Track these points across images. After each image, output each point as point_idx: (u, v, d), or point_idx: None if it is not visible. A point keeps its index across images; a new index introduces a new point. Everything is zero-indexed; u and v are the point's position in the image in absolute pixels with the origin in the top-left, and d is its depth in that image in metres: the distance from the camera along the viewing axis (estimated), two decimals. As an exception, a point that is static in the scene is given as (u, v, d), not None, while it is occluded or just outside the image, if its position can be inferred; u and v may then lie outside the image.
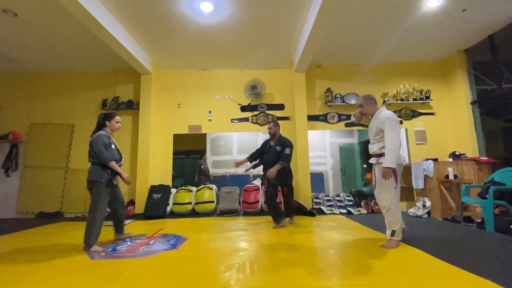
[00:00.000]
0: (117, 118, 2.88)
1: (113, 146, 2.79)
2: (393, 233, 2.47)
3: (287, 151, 3.51)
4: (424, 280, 1.74)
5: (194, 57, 5.19)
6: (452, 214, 4.12)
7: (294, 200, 4.77)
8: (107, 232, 3.51)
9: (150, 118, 5.17)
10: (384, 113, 2.52)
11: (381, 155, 2.53)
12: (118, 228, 3.06)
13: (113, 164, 2.70)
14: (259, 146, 4.02)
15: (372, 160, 2.69)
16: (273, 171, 3.41)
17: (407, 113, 5.51)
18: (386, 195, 2.48)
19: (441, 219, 4.14)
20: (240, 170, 7.60)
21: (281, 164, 3.44)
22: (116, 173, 2.78)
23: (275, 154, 3.64)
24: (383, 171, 2.41)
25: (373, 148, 2.65)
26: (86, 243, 2.59)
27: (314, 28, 3.72)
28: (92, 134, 2.79)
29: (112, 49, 4.30)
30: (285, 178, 3.66)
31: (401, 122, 5.53)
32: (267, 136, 4.03)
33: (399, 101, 5.45)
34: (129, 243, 2.88)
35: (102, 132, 2.77)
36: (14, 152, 5.30)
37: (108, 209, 2.85)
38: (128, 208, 4.94)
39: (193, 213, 4.92)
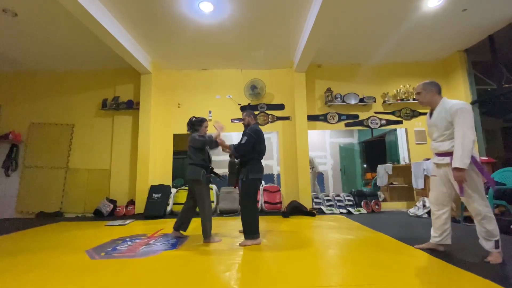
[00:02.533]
0: (206, 123, 3.09)
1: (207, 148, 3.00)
2: (497, 244, 2.04)
3: (243, 140, 2.78)
4: (424, 280, 1.74)
5: (194, 57, 5.19)
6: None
7: (294, 200, 4.78)
8: (107, 232, 3.51)
9: (150, 118, 5.17)
10: (455, 103, 2.11)
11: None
12: (182, 226, 3.05)
13: (219, 140, 2.90)
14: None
15: (440, 160, 2.21)
16: (218, 134, 2.93)
17: (407, 113, 5.52)
18: (475, 200, 2.04)
19: (441, 219, 4.14)
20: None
21: (231, 149, 2.85)
22: (210, 172, 3.00)
23: None
24: (455, 174, 2.00)
25: (442, 147, 2.17)
26: (205, 237, 2.81)
27: (314, 28, 3.72)
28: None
29: (112, 49, 4.31)
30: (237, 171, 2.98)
31: (401, 122, 5.54)
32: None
33: (399, 101, 5.45)
34: (129, 243, 2.88)
35: (195, 134, 2.97)
36: (14, 152, 5.31)
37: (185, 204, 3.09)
38: (128, 208, 4.94)
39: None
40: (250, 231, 2.69)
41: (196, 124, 3.03)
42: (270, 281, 1.79)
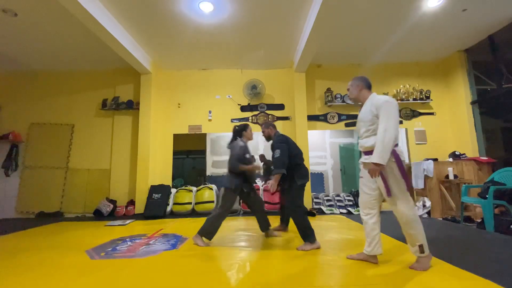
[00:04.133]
0: (250, 127, 3.08)
1: (247, 156, 2.91)
2: (421, 249, 1.91)
3: (277, 153, 2.74)
4: (424, 279, 1.74)
5: (194, 57, 5.19)
6: (452, 214, 4.12)
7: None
8: (107, 232, 3.51)
9: (150, 118, 5.17)
10: (382, 97, 2.01)
11: None
12: (262, 227, 3.06)
13: (242, 167, 2.79)
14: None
15: (365, 158, 2.08)
16: (272, 183, 2.70)
17: (407, 113, 5.52)
18: (400, 203, 1.93)
19: (441, 219, 4.14)
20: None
21: (275, 173, 2.68)
22: (249, 181, 2.92)
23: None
24: (370, 169, 1.91)
25: (367, 143, 2.04)
26: (199, 232, 2.76)
27: (314, 28, 3.72)
28: (230, 143, 2.99)
29: (112, 49, 4.30)
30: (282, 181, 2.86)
31: (401, 122, 5.53)
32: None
33: (399, 101, 5.45)
34: (129, 243, 2.88)
35: (239, 142, 2.92)
36: (14, 152, 5.30)
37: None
38: (128, 208, 4.94)
39: (193, 213, 4.92)
40: (308, 236, 2.56)
41: (239, 131, 3.00)
42: (270, 281, 1.79)
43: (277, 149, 2.74)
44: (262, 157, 3.55)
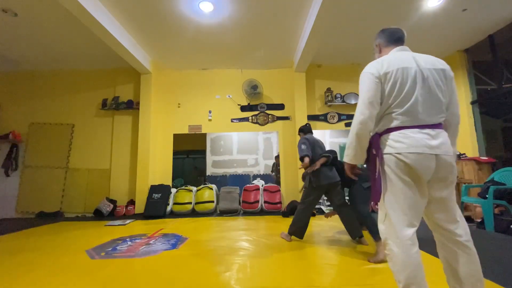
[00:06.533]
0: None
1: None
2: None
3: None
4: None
5: (194, 57, 5.19)
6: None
7: (294, 200, 4.79)
8: (107, 232, 3.51)
9: (150, 118, 5.17)
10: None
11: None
12: (350, 232, 2.69)
13: (306, 159, 2.73)
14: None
15: None
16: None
17: (407, 113, 5.51)
18: (378, 216, 1.43)
19: (441, 219, 4.13)
20: (240, 170, 7.61)
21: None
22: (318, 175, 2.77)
23: None
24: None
25: None
26: (289, 232, 2.86)
27: (314, 28, 3.72)
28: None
29: (112, 49, 4.30)
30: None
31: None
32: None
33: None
34: (129, 243, 2.88)
35: (306, 136, 2.99)
36: (14, 152, 5.30)
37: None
38: (128, 208, 4.94)
39: (193, 213, 4.92)
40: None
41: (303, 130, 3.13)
42: (270, 281, 1.79)
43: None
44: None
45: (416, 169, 1.21)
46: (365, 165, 1.69)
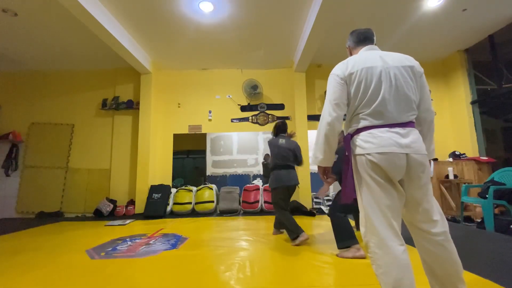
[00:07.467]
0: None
1: None
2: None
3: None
4: (424, 279, 1.74)
5: (194, 57, 5.19)
6: (452, 214, 4.12)
7: (294, 200, 4.79)
8: (107, 232, 3.52)
9: (150, 118, 5.17)
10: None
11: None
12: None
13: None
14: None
15: None
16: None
17: (407, 113, 5.51)
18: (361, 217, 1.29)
19: (441, 219, 4.14)
20: (240, 170, 7.61)
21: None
22: None
23: None
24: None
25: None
26: (290, 236, 2.74)
27: (314, 28, 3.72)
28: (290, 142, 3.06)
29: (112, 49, 4.30)
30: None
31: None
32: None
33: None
34: (129, 243, 2.88)
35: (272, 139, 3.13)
36: (14, 152, 5.30)
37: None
38: (128, 207, 4.94)
39: (193, 213, 4.92)
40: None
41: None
42: (270, 281, 1.79)
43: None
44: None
45: (386, 168, 1.18)
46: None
